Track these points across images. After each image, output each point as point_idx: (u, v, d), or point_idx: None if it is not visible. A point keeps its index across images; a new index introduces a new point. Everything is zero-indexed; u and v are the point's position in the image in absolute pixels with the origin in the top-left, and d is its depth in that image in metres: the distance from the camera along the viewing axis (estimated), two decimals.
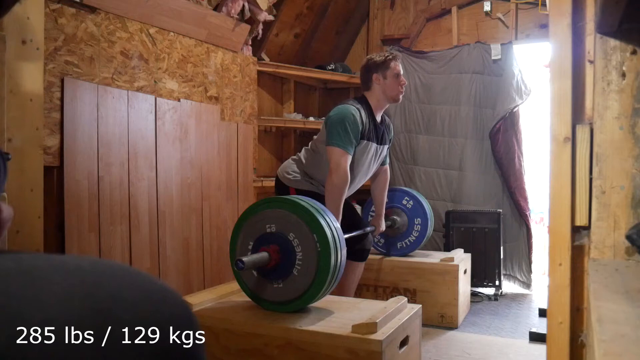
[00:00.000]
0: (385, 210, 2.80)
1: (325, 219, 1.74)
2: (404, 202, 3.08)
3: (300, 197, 1.87)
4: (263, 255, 1.72)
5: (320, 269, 1.70)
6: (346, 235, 2.12)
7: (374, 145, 2.45)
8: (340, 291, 2.42)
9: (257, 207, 1.85)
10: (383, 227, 2.78)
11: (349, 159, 2.31)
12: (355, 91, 4.50)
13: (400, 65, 2.48)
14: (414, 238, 3.05)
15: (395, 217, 3.04)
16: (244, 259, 1.66)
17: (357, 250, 2.51)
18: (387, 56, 2.47)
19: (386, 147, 2.59)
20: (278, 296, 1.78)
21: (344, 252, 1.78)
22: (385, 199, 2.77)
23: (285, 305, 1.78)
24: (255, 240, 1.80)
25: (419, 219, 3.04)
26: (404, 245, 3.09)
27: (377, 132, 2.47)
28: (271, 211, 1.79)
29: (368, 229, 2.57)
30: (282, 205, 1.79)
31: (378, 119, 2.48)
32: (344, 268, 2.48)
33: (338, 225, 1.81)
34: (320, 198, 2.36)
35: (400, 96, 2.47)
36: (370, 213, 3.03)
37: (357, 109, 2.36)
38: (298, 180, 2.48)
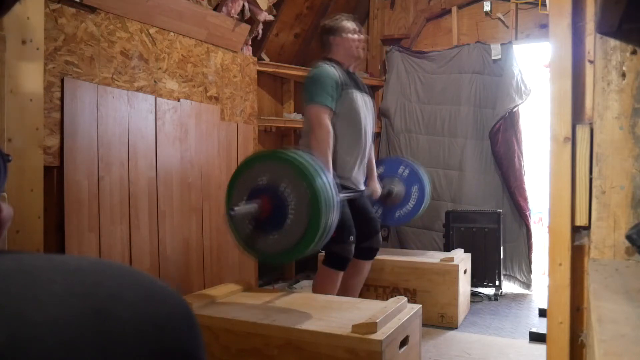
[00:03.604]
0: (382, 181, 2.77)
1: (313, 166, 1.74)
2: (400, 170, 3.03)
3: (289, 150, 1.87)
4: (253, 205, 1.73)
5: (313, 213, 1.67)
6: (342, 195, 2.11)
7: (358, 93, 2.45)
8: (344, 291, 2.42)
9: (249, 163, 1.84)
10: (379, 190, 2.72)
11: (330, 113, 2.30)
12: None
13: (353, 23, 2.51)
14: (411, 206, 2.98)
15: (392, 186, 2.98)
16: (235, 207, 1.69)
17: (364, 248, 2.50)
18: (339, 17, 2.53)
19: (369, 98, 2.58)
20: (275, 247, 1.76)
21: (336, 197, 1.75)
22: (374, 165, 2.72)
23: (283, 255, 1.77)
24: (249, 194, 1.79)
25: (415, 186, 2.98)
26: (402, 214, 3.01)
27: (355, 82, 2.49)
28: (261, 164, 1.79)
29: (364, 190, 2.54)
30: (272, 157, 1.81)
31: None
32: (352, 268, 2.49)
33: (327, 172, 1.80)
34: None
35: (360, 51, 2.50)
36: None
37: (328, 65, 2.40)
38: None
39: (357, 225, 2.45)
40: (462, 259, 3.02)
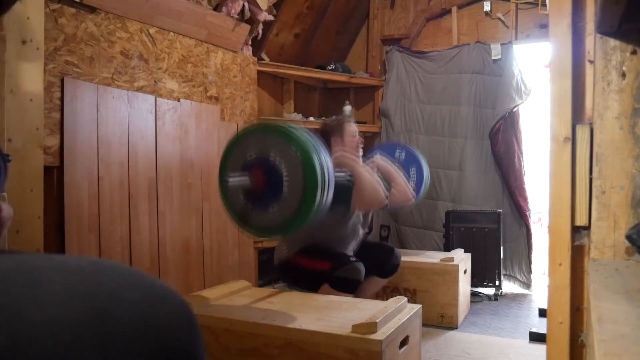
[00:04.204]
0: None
1: (297, 130, 1.72)
2: (397, 154, 3.02)
3: (270, 122, 1.85)
4: (245, 178, 1.71)
5: (306, 172, 1.64)
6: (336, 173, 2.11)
7: None
8: (357, 296, 2.40)
9: (235, 141, 1.83)
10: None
11: None
12: (355, 91, 4.50)
13: (353, 125, 2.53)
14: (412, 187, 2.97)
15: None
16: (229, 177, 1.67)
17: (387, 269, 2.53)
18: (340, 119, 2.55)
19: None
20: (278, 219, 1.72)
21: (326, 156, 1.73)
22: (392, 169, 2.69)
23: (288, 226, 1.72)
24: (240, 171, 1.77)
25: (413, 167, 2.98)
26: None
27: None
28: (247, 139, 1.78)
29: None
30: (255, 131, 1.80)
31: None
32: (370, 281, 2.47)
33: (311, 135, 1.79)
34: (320, 248, 2.33)
35: (359, 151, 2.52)
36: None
37: None
38: (290, 246, 2.40)
39: (370, 255, 2.45)
40: (462, 259, 3.01)
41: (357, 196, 2.26)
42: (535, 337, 2.57)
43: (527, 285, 3.68)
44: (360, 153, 2.54)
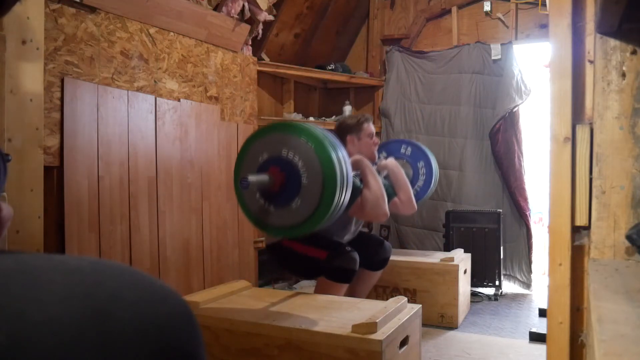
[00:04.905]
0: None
1: (301, 123, 1.73)
2: (402, 150, 3.01)
3: (273, 123, 1.85)
4: (264, 176, 1.69)
5: (323, 161, 1.64)
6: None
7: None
8: (351, 295, 2.41)
9: (245, 147, 1.83)
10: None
11: None
12: (355, 91, 4.50)
13: (372, 126, 2.53)
14: (422, 182, 2.94)
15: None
16: (249, 176, 1.64)
17: (376, 261, 2.52)
18: (360, 119, 2.53)
19: None
20: (302, 214, 1.69)
21: (340, 147, 1.73)
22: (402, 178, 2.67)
23: (313, 219, 1.69)
24: (257, 169, 1.75)
25: (421, 161, 2.95)
26: (416, 192, 2.91)
27: None
28: (258, 142, 1.78)
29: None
30: (263, 132, 1.80)
31: None
32: (362, 276, 2.47)
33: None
34: (314, 235, 2.27)
35: (375, 154, 2.52)
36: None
37: None
38: None
39: (361, 247, 2.44)
40: (462, 259, 3.02)
41: (359, 205, 2.24)
42: (535, 337, 2.57)
43: (527, 285, 3.68)
44: (377, 155, 2.53)
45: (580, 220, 1.28)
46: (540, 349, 2.28)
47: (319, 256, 2.24)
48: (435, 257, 3.04)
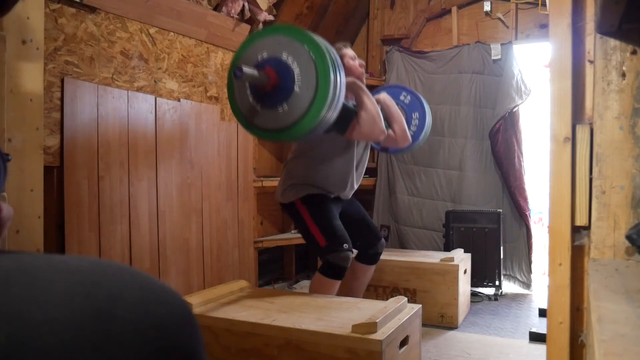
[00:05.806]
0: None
1: (315, 37, 1.71)
2: (402, 97, 2.96)
3: (282, 23, 1.84)
4: (259, 72, 1.67)
5: (320, 74, 1.63)
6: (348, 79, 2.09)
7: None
8: (347, 294, 2.41)
9: (248, 43, 1.82)
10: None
11: None
12: None
13: (351, 49, 2.57)
14: (412, 133, 2.86)
15: None
16: (244, 67, 1.62)
17: (371, 254, 2.53)
18: (336, 48, 2.49)
19: None
20: (286, 121, 1.70)
21: (339, 65, 1.72)
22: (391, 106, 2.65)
23: (296, 127, 1.69)
24: (254, 66, 1.75)
25: (416, 112, 2.92)
26: None
27: None
28: (260, 41, 1.77)
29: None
30: (268, 32, 1.79)
31: None
32: (356, 272, 2.48)
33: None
34: (324, 198, 2.35)
35: (363, 72, 2.52)
36: None
37: None
38: (298, 190, 2.40)
39: (360, 234, 2.47)
40: (462, 259, 3.01)
41: (357, 124, 2.23)
42: (535, 337, 2.57)
43: (527, 285, 3.68)
44: (365, 79, 2.51)
45: (580, 220, 1.28)
46: (540, 349, 2.29)
47: (320, 242, 2.29)
48: (435, 257, 3.04)
